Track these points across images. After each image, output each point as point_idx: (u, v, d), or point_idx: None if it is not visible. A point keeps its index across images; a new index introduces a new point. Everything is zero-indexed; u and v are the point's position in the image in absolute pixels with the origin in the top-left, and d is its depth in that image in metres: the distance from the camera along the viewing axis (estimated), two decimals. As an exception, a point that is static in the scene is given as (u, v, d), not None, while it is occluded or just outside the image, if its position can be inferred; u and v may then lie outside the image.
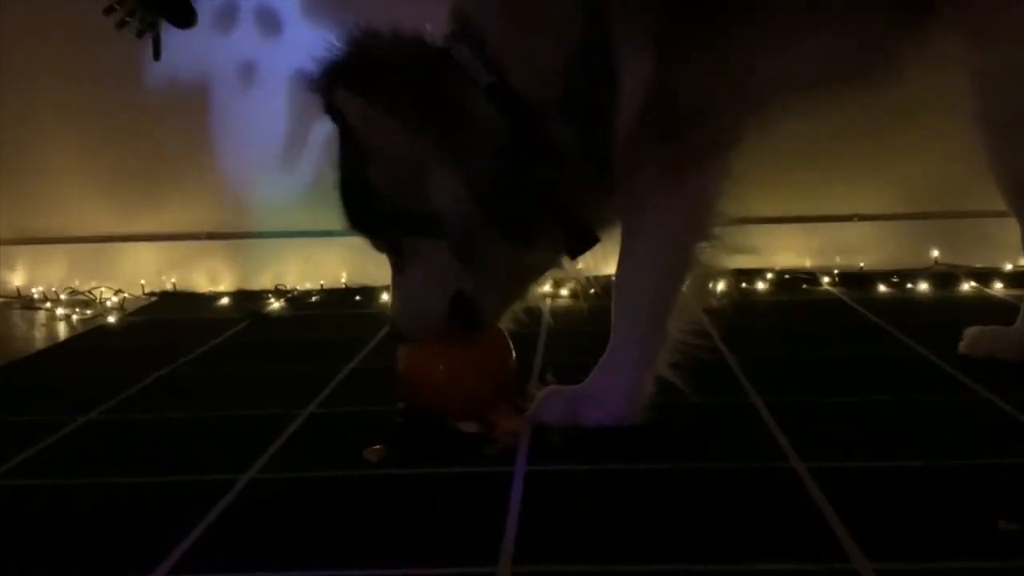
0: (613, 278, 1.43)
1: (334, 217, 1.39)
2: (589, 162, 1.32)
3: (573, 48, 1.30)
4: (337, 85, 1.29)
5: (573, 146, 1.31)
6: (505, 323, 1.46)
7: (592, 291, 1.66)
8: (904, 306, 2.20)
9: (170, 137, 2.64)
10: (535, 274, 1.45)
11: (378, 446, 1.31)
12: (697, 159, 1.33)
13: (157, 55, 2.54)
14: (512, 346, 1.47)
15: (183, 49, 2.54)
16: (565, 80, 1.30)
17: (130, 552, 1.06)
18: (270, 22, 2.58)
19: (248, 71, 2.60)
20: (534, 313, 1.55)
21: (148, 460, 1.35)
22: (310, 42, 1.32)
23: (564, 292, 2.35)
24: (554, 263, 1.45)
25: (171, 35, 2.50)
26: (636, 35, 1.30)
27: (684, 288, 1.40)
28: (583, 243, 1.40)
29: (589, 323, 1.73)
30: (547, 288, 2.26)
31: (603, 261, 1.64)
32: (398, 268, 1.38)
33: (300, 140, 2.55)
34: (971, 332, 1.69)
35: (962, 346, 1.69)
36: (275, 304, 2.50)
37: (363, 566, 0.99)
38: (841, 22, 1.38)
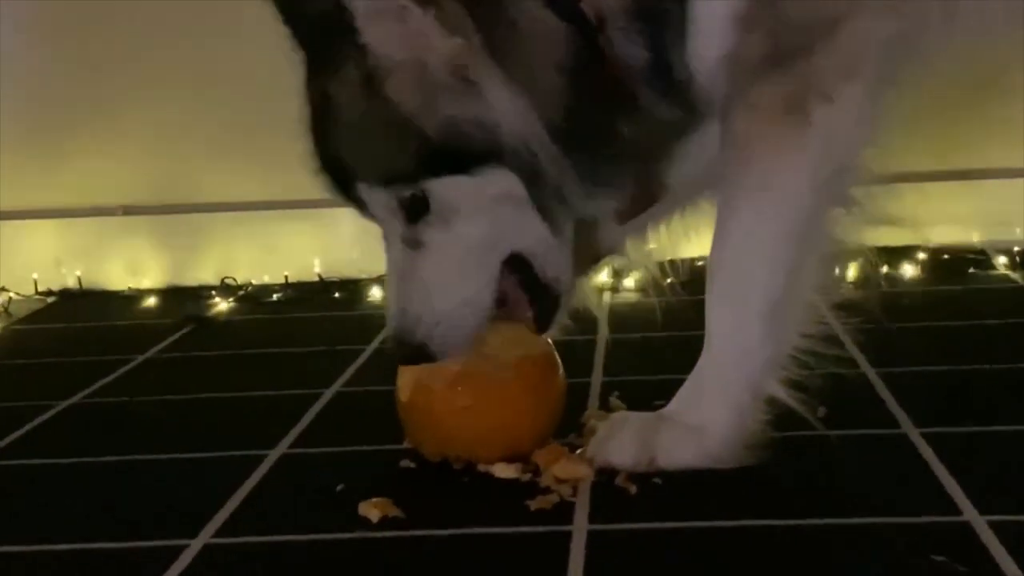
0: (702, 263, 1.44)
1: (306, 181, 1.40)
2: (663, 94, 1.33)
3: None
4: None
5: (645, 72, 1.32)
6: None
7: (668, 281, 1.68)
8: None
9: (73, 79, 2.66)
10: (595, 253, 1.46)
11: (380, 499, 1.32)
12: (828, 90, 1.33)
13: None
14: (559, 360, 1.49)
15: None
16: None
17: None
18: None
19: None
20: (587, 315, 1.56)
21: (58, 523, 1.37)
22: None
23: (627, 284, 2.36)
24: (615, 239, 1.46)
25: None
26: None
27: (808, 274, 1.41)
28: (642, 203, 1.41)
29: (665, 326, 1.76)
30: (603, 279, 2.28)
31: (683, 240, 1.66)
32: (414, 242, 1.38)
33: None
34: None
35: None
36: (222, 305, 2.52)
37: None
38: None
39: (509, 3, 1.30)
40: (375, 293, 2.53)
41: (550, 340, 1.48)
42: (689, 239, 1.64)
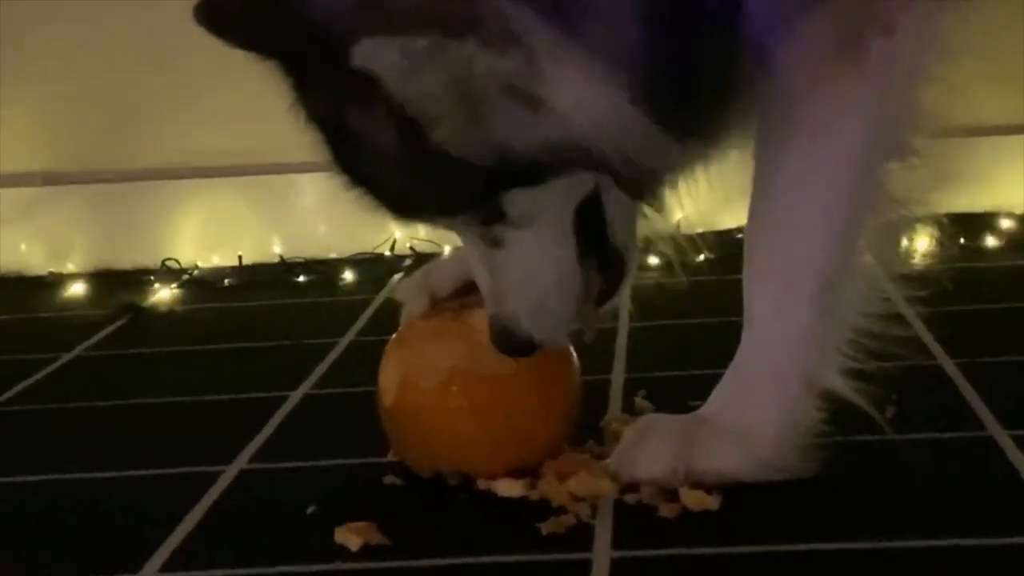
0: (740, 234, 1.45)
1: (263, 142, 1.40)
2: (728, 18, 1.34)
3: None
4: (354, 36, 1.24)
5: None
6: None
7: (700, 257, 1.69)
8: None
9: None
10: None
11: (361, 523, 1.32)
12: (886, 18, 1.34)
13: None
14: (574, 352, 1.49)
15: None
16: None
17: None
18: None
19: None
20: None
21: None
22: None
23: (651, 261, 2.36)
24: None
25: None
26: None
27: (868, 242, 1.42)
28: None
29: (697, 311, 1.76)
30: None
31: (716, 209, 1.66)
32: (494, 242, 1.38)
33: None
34: None
35: None
36: (164, 292, 2.54)
37: None
38: None
39: None
40: (347, 276, 2.55)
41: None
42: (723, 206, 1.66)
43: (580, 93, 1.26)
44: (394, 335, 1.52)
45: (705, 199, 1.61)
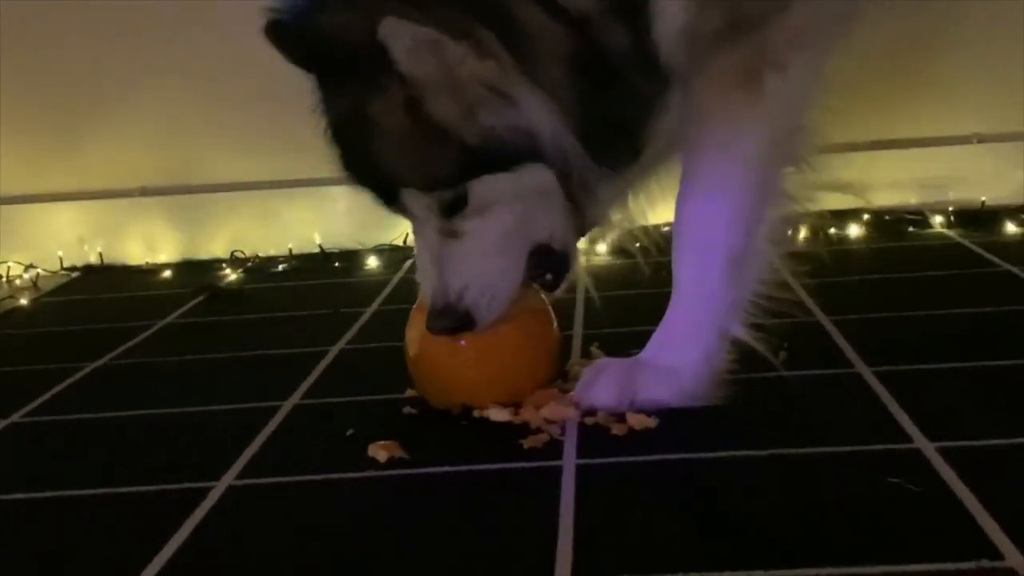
0: (668, 228, 1.45)
1: (306, 162, 1.40)
2: (645, 73, 1.32)
3: None
4: (381, 12, 1.24)
5: (629, 54, 1.31)
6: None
7: (637, 245, 1.69)
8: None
9: (90, 70, 2.64)
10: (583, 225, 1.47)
11: (387, 441, 1.33)
12: (780, 59, 1.34)
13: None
14: (553, 315, 1.50)
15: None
16: None
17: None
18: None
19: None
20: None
21: (92, 469, 1.38)
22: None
23: (600, 248, 2.37)
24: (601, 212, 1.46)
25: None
26: None
27: (764, 227, 1.42)
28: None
29: (636, 284, 1.77)
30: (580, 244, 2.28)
31: (649, 208, 1.66)
32: (451, 232, 1.36)
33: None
34: None
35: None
36: (232, 275, 2.52)
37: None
38: None
39: (520, 14, 1.27)
40: (371, 262, 2.53)
41: (544, 297, 1.48)
42: (656, 207, 1.66)
43: (534, 101, 1.27)
44: (416, 303, 1.50)
45: (644, 201, 1.62)
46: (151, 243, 2.70)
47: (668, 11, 1.32)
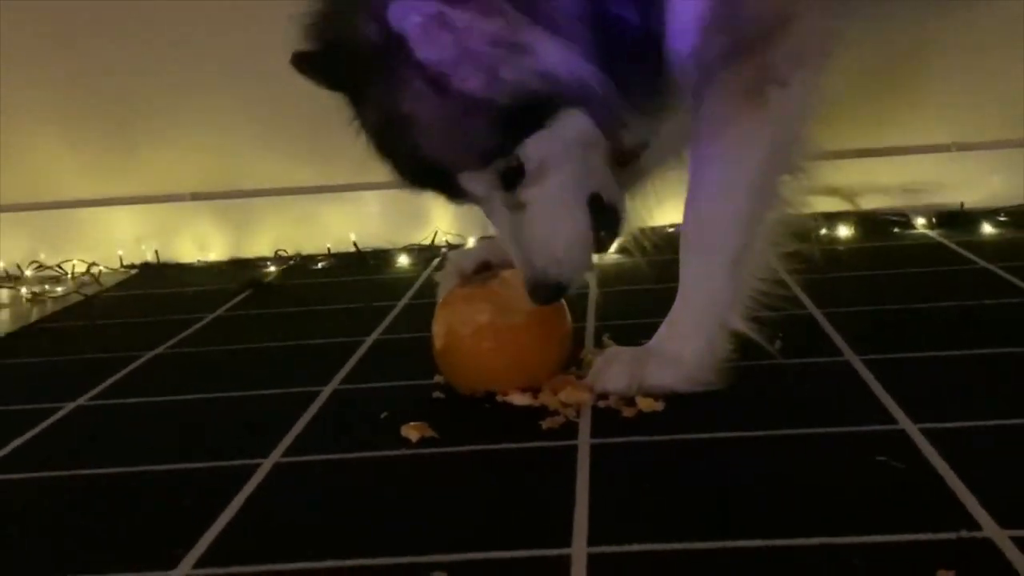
0: (672, 228, 1.45)
1: (342, 169, 1.40)
2: (651, 51, 1.33)
3: None
4: (384, 3, 1.24)
5: (638, 30, 1.31)
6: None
7: (645, 244, 1.69)
8: (1016, 247, 2.21)
9: (144, 85, 2.66)
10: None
11: (418, 423, 1.33)
12: (781, 74, 1.34)
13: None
14: (566, 307, 1.49)
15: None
16: None
17: (145, 548, 1.09)
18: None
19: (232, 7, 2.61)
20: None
21: (152, 447, 1.39)
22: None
23: (613, 248, 2.37)
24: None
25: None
26: None
27: (764, 230, 1.42)
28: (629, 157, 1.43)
29: (643, 280, 1.77)
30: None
31: (656, 210, 1.66)
32: (516, 205, 1.34)
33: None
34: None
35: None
36: (276, 272, 2.53)
37: (419, 551, 1.02)
38: None
39: None
40: (402, 260, 2.53)
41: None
42: (661, 209, 1.65)
43: (551, 48, 1.26)
44: (441, 299, 1.52)
45: (649, 204, 1.62)
46: (202, 243, 2.71)
47: (683, 33, 1.32)
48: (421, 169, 1.35)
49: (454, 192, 1.37)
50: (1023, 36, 2.37)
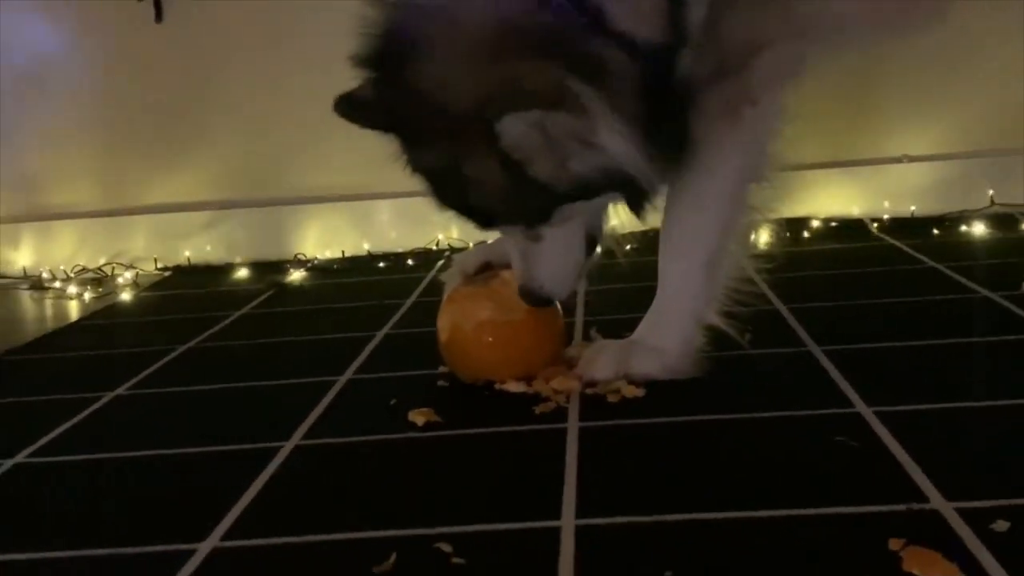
0: (652, 233, 1.44)
1: (357, 180, 1.39)
2: (676, 96, 1.31)
3: None
4: (490, 107, 1.19)
5: (669, 81, 1.29)
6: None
7: (628, 247, 1.69)
8: (961, 249, 2.21)
9: (177, 104, 2.66)
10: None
11: (424, 409, 1.33)
12: (754, 96, 1.34)
13: (159, 17, 2.57)
14: (558, 305, 1.49)
15: (188, 10, 2.57)
16: (664, 18, 1.27)
17: (178, 522, 1.09)
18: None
19: (266, 33, 2.60)
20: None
21: (185, 432, 1.39)
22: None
23: (598, 250, 2.37)
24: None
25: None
26: None
27: (736, 233, 1.42)
28: None
29: (627, 279, 1.77)
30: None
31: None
32: (535, 238, 1.35)
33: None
34: (1036, 270, 1.71)
35: (1027, 285, 1.70)
36: (296, 274, 2.52)
37: (425, 524, 1.02)
38: None
39: (607, 58, 1.23)
40: (410, 262, 2.54)
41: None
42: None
43: (618, 139, 1.24)
44: (445, 297, 1.52)
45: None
46: (229, 247, 2.70)
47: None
48: (462, 210, 1.34)
49: (484, 227, 1.39)
50: (967, 59, 2.38)
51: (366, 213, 2.66)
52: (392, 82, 1.26)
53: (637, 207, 1.34)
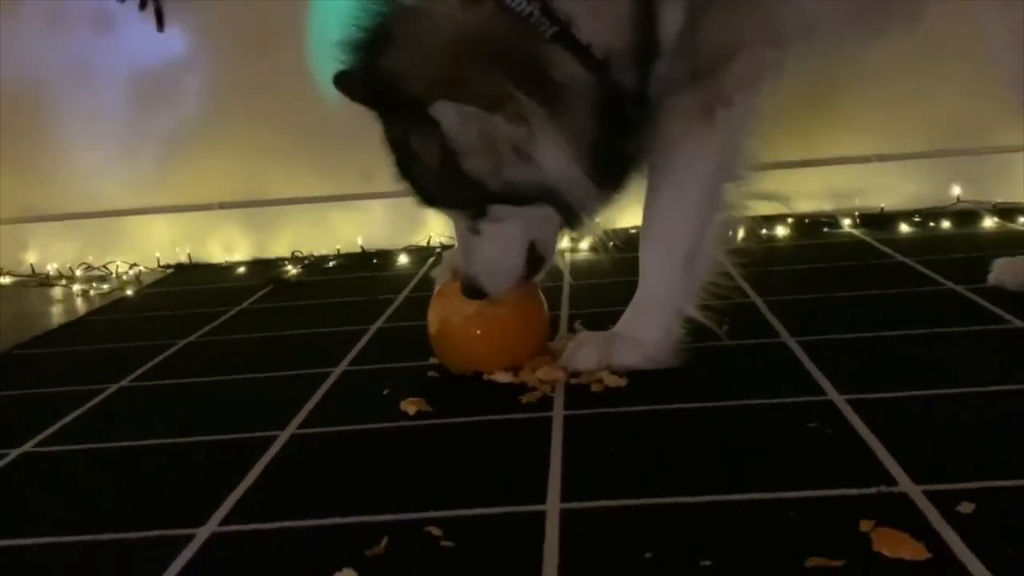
0: (634, 230, 1.44)
1: (350, 181, 1.39)
2: (642, 107, 1.32)
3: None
4: (432, 95, 1.23)
5: (634, 92, 1.30)
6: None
7: (611, 244, 1.69)
8: (928, 244, 2.21)
9: (180, 108, 2.65)
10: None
11: (415, 398, 1.33)
12: (728, 98, 1.34)
13: (160, 26, 2.56)
14: (544, 299, 1.49)
15: (189, 17, 2.56)
16: (631, 28, 1.28)
17: (178, 507, 1.09)
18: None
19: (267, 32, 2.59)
20: (554, 268, 1.55)
21: (186, 422, 1.38)
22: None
23: (583, 246, 2.37)
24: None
25: (174, 5, 2.53)
26: None
27: (713, 230, 1.41)
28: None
29: (608, 274, 1.77)
30: (565, 243, 2.28)
31: (619, 213, 1.66)
32: (474, 231, 1.37)
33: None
34: (1000, 263, 1.71)
35: (991, 277, 1.70)
36: (293, 270, 2.51)
37: (415, 509, 1.02)
38: None
39: (557, 67, 1.25)
40: (402, 259, 2.53)
41: (537, 285, 1.48)
42: (622, 213, 1.65)
43: (555, 156, 1.25)
44: (436, 292, 1.51)
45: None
46: (228, 245, 2.69)
47: (666, 57, 1.32)
48: (411, 182, 1.36)
49: (428, 204, 1.39)
50: (934, 62, 2.38)
51: (360, 212, 2.64)
52: (371, 67, 1.30)
53: (571, 223, 1.36)
